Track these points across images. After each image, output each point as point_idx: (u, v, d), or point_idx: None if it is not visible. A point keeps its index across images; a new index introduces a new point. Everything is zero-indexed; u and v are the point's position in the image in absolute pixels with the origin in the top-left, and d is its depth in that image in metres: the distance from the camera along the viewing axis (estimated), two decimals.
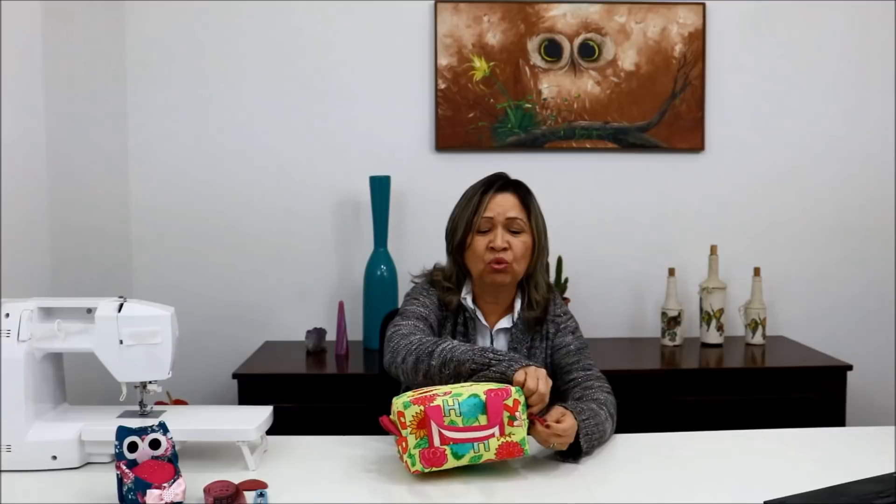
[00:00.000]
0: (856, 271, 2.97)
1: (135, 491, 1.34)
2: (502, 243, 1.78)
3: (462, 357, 1.58)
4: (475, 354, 1.58)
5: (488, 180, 1.85)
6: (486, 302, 1.87)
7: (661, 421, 2.37)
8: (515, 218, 1.81)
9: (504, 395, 1.48)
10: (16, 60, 2.19)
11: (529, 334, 1.86)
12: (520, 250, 1.80)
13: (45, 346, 1.59)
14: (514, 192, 1.84)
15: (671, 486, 1.48)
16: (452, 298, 1.84)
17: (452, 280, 1.86)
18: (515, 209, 1.82)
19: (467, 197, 1.85)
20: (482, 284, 1.85)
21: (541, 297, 1.86)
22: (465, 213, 1.82)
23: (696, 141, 2.90)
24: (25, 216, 2.25)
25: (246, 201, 2.88)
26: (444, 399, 1.48)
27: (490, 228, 1.80)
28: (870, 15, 2.90)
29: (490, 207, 1.80)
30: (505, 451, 1.48)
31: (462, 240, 1.82)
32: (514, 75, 2.86)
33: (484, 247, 1.79)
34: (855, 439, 1.76)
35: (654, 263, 2.91)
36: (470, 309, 1.85)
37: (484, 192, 1.82)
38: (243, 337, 2.86)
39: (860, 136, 2.94)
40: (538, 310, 1.85)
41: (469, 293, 1.86)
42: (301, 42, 2.85)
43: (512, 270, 1.80)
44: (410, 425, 1.47)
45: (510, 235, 1.80)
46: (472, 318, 1.86)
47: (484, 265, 1.79)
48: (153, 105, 2.84)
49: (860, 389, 2.82)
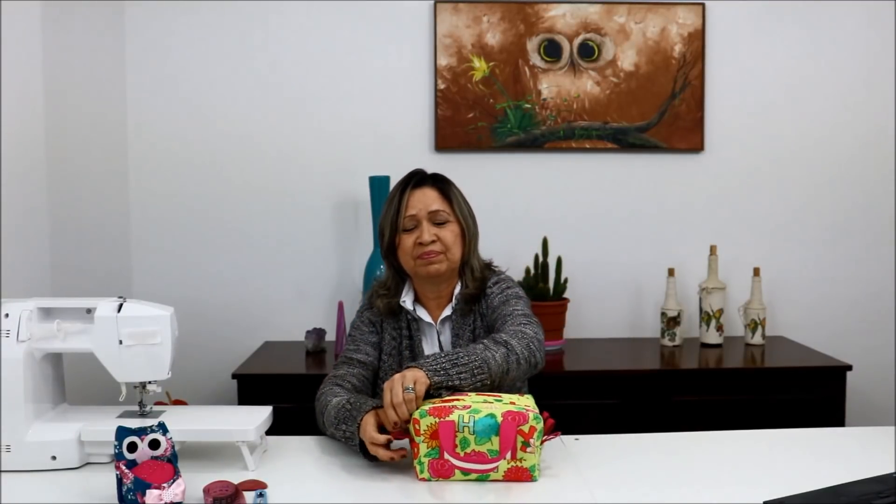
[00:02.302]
0: (856, 271, 2.97)
1: (134, 491, 1.34)
2: (429, 237, 1.79)
3: (329, 426, 1.66)
4: (334, 418, 1.64)
5: (405, 178, 1.87)
6: (429, 298, 1.88)
7: (661, 421, 2.37)
8: (438, 210, 1.82)
9: (521, 419, 1.47)
10: (16, 60, 2.19)
11: (469, 316, 1.86)
12: (449, 239, 1.81)
13: (44, 346, 1.58)
14: (432, 186, 1.86)
15: (671, 486, 1.48)
16: (389, 302, 1.87)
17: (389, 285, 1.89)
18: (437, 202, 1.83)
19: (389, 199, 1.87)
20: (420, 280, 1.86)
21: (476, 278, 1.86)
22: (388, 215, 1.84)
23: (695, 141, 2.90)
24: (25, 216, 2.25)
25: (246, 201, 2.88)
26: (460, 414, 1.47)
27: (416, 225, 1.82)
28: (870, 15, 2.90)
29: (411, 205, 1.82)
30: (513, 474, 1.48)
31: (391, 241, 1.84)
32: (513, 75, 2.86)
33: (412, 244, 1.81)
34: (855, 439, 1.75)
35: (654, 263, 2.91)
36: (409, 310, 1.86)
37: (403, 191, 1.84)
38: (243, 337, 2.86)
39: (860, 136, 2.94)
40: (472, 288, 1.85)
41: (410, 293, 1.87)
42: (301, 42, 2.85)
43: (446, 258, 1.81)
44: (424, 434, 1.48)
45: (436, 228, 1.81)
46: (415, 319, 1.87)
47: (415, 260, 1.81)
48: (153, 105, 2.84)
49: (860, 389, 2.82)
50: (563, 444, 1.69)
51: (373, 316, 1.91)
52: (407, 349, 1.87)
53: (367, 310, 1.93)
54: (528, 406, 1.51)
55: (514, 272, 2.01)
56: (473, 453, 1.47)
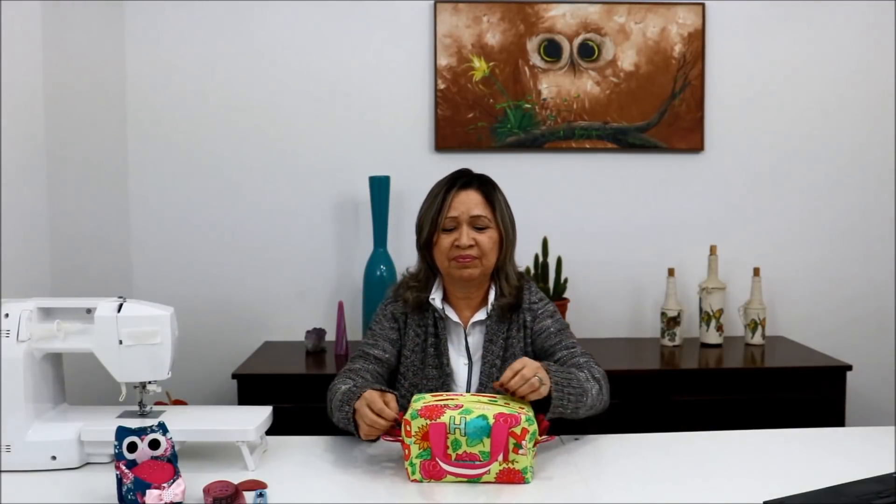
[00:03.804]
0: (856, 271, 2.97)
1: (134, 491, 1.34)
2: (468, 241, 1.78)
3: (334, 411, 1.68)
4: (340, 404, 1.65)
5: (452, 177, 1.86)
6: (458, 298, 1.87)
7: (661, 421, 2.37)
8: (480, 215, 1.81)
9: (512, 421, 1.46)
10: (16, 60, 2.19)
11: (505, 324, 1.85)
12: (487, 246, 1.80)
13: (44, 346, 1.59)
14: (477, 189, 1.84)
15: (671, 486, 1.48)
16: (419, 296, 1.86)
17: (420, 278, 1.88)
18: (479, 206, 1.82)
19: (432, 195, 1.85)
20: (451, 281, 1.85)
21: (512, 286, 1.86)
22: (430, 212, 1.83)
23: (695, 141, 2.90)
24: (25, 217, 2.25)
25: (245, 201, 2.88)
26: (451, 415, 1.47)
27: (455, 227, 1.81)
28: (870, 15, 2.90)
29: (454, 206, 1.81)
30: (505, 476, 1.47)
31: (428, 238, 1.83)
32: (513, 75, 2.86)
33: (449, 245, 1.80)
34: (855, 439, 1.76)
35: (654, 263, 2.91)
36: (438, 308, 1.85)
37: (448, 190, 1.82)
38: (243, 337, 2.86)
39: (860, 135, 2.94)
40: (510, 297, 1.84)
41: (439, 291, 1.87)
42: (301, 42, 2.85)
43: (480, 264, 1.80)
44: (415, 436, 1.48)
45: (476, 232, 1.80)
46: (443, 318, 1.86)
47: (449, 261, 1.80)
48: (152, 105, 2.84)
49: (860, 389, 2.82)
50: (562, 444, 1.69)
51: (396, 311, 1.88)
52: (432, 347, 1.85)
53: (391, 303, 1.90)
54: (521, 408, 1.51)
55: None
56: (465, 454, 1.47)
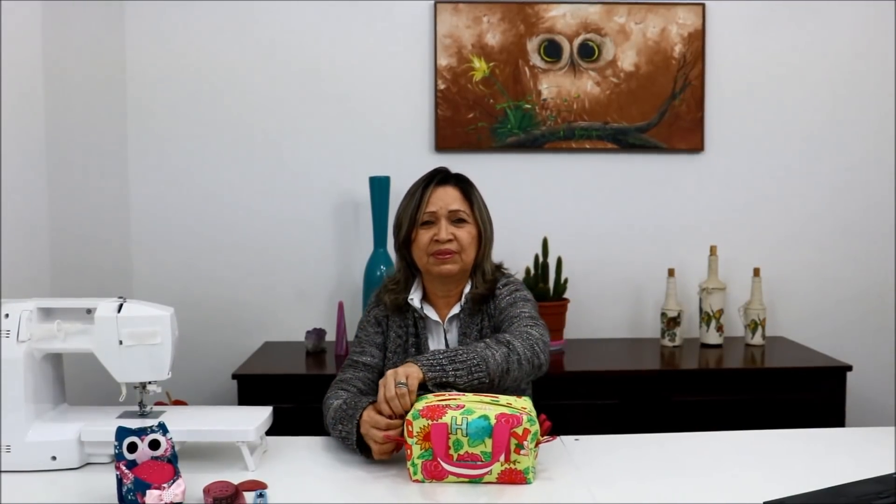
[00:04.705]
0: (856, 271, 2.97)
1: (134, 491, 1.34)
2: (447, 235, 1.80)
3: (330, 427, 1.70)
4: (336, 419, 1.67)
5: (429, 175, 1.88)
6: (437, 297, 1.89)
7: (661, 421, 2.37)
8: (458, 210, 1.83)
9: (514, 422, 1.46)
10: (16, 60, 2.19)
11: (478, 316, 1.86)
12: (466, 240, 1.82)
13: (44, 346, 1.58)
14: (455, 185, 1.87)
15: (671, 486, 1.48)
16: (396, 298, 1.87)
17: (398, 280, 1.90)
18: (458, 201, 1.84)
19: (410, 193, 1.87)
20: (431, 279, 1.86)
21: (487, 280, 1.86)
22: (408, 209, 1.85)
23: (695, 141, 2.90)
24: (25, 217, 2.25)
25: (245, 202, 2.88)
26: (453, 415, 1.46)
27: (434, 222, 1.82)
28: (870, 15, 2.90)
29: (432, 201, 1.83)
30: (507, 477, 1.47)
31: (407, 235, 1.84)
32: (513, 76, 2.86)
33: (428, 240, 1.81)
34: (855, 439, 1.76)
35: (654, 264, 2.91)
36: (417, 308, 1.86)
37: (426, 187, 1.85)
38: (243, 337, 2.86)
39: (860, 136, 2.94)
40: (482, 289, 1.85)
41: (418, 291, 1.88)
42: (301, 42, 2.85)
43: (460, 259, 1.82)
44: (417, 436, 1.47)
45: (454, 227, 1.82)
46: (422, 318, 1.87)
47: (428, 257, 1.81)
48: (153, 105, 2.84)
49: (860, 390, 2.81)
50: (562, 444, 1.69)
51: (379, 314, 1.91)
52: (413, 347, 1.87)
53: (374, 308, 1.93)
54: (523, 408, 1.50)
55: (515, 272, 2.01)
56: (467, 455, 1.46)
